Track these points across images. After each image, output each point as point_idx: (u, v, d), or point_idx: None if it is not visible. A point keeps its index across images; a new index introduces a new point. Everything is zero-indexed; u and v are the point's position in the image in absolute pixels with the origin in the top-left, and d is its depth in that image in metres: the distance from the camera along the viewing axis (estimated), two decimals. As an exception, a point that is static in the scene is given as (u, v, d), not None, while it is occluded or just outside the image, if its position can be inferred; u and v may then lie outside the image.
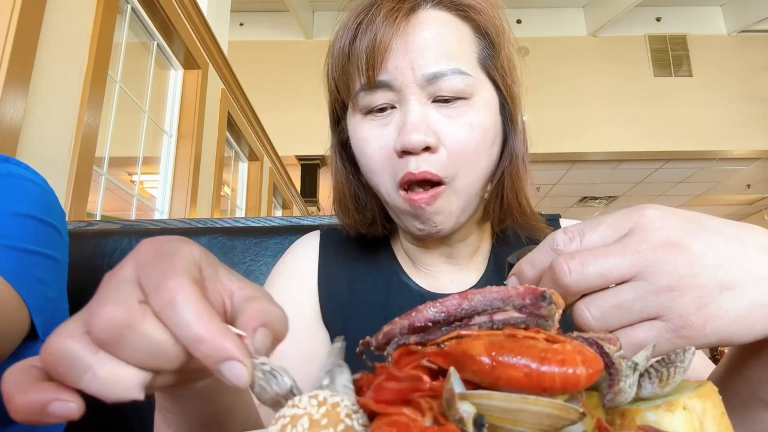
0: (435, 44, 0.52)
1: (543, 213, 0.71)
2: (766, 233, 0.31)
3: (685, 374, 0.25)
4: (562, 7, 6.65)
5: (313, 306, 0.64)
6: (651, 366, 0.25)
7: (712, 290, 0.28)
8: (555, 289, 0.30)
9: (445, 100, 0.52)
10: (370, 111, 0.55)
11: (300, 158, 6.37)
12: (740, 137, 6.23)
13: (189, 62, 2.74)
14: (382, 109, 0.54)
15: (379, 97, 0.53)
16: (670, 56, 6.63)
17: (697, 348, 0.29)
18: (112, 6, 1.86)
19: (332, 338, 0.63)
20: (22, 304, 0.58)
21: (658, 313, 0.29)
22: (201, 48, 2.81)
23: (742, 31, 6.54)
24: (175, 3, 2.45)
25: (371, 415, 0.23)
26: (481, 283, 0.63)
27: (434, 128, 0.52)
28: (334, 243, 0.68)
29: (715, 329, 0.28)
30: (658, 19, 6.77)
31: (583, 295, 0.30)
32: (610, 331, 0.30)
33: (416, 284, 0.64)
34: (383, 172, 0.55)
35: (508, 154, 0.58)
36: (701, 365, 0.51)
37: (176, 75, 2.75)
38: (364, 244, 0.67)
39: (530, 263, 0.33)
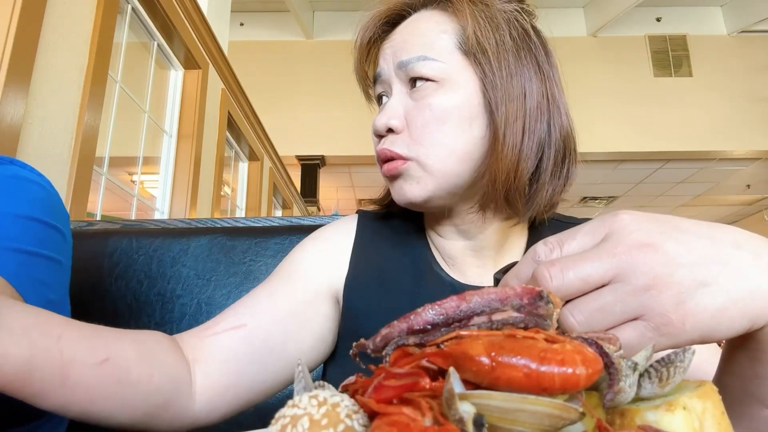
0: (410, 37, 0.60)
1: (573, 216, 0.71)
2: (737, 230, 0.32)
3: (685, 374, 0.25)
4: (562, 7, 6.66)
5: (333, 281, 0.64)
6: (651, 366, 0.25)
7: (688, 287, 0.29)
8: None
9: (416, 85, 0.58)
10: (378, 103, 0.65)
11: (300, 158, 6.37)
12: (740, 137, 6.23)
13: (189, 62, 2.74)
14: (382, 99, 0.64)
15: (378, 88, 0.64)
16: (670, 56, 6.63)
17: (681, 346, 0.30)
18: (112, 6, 1.86)
19: (349, 319, 0.63)
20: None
21: (639, 312, 0.30)
22: (201, 48, 2.81)
23: (742, 32, 6.54)
24: (175, 3, 2.46)
25: (371, 415, 0.23)
26: None
27: (405, 112, 0.59)
28: (371, 225, 0.70)
29: (695, 325, 0.29)
30: (658, 20, 6.78)
31: (567, 302, 0.31)
32: None
33: (448, 275, 0.64)
34: (376, 152, 0.63)
35: (490, 138, 0.57)
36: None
37: (176, 75, 2.75)
38: (400, 232, 0.69)
39: (515, 276, 0.34)
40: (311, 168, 6.45)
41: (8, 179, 0.63)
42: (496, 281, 0.37)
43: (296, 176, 6.14)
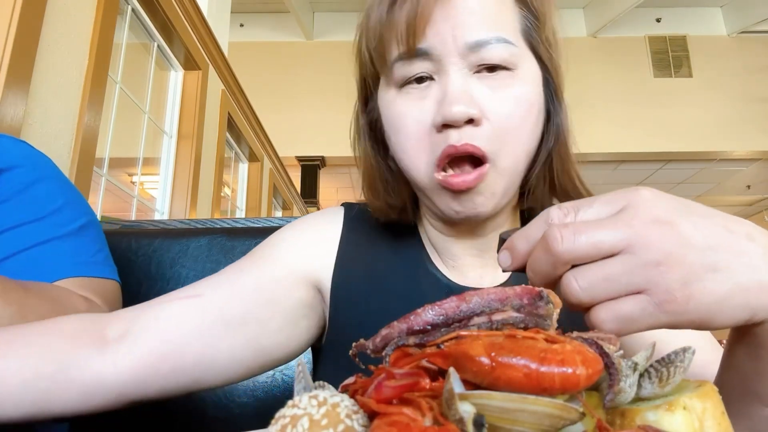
0: (478, 11, 0.49)
1: None
2: (753, 225, 0.33)
3: (685, 374, 0.25)
4: (562, 8, 6.62)
5: (314, 268, 0.60)
6: (651, 366, 0.25)
7: (698, 269, 0.29)
8: (546, 258, 0.31)
9: (489, 70, 0.49)
10: (406, 83, 0.52)
11: (300, 159, 6.37)
12: (740, 138, 6.23)
13: (189, 63, 2.74)
14: (419, 80, 0.51)
15: (417, 67, 0.50)
16: (670, 57, 6.63)
17: (679, 327, 0.30)
18: (112, 7, 1.86)
19: (338, 317, 0.60)
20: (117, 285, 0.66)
21: (644, 287, 0.29)
22: (201, 49, 2.81)
23: (742, 32, 6.54)
24: (175, 4, 2.46)
25: (371, 415, 0.23)
26: (511, 281, 0.59)
27: (477, 100, 0.49)
28: (358, 222, 0.65)
29: (697, 307, 0.29)
30: (658, 20, 6.78)
31: (573, 266, 0.31)
32: (596, 303, 0.30)
33: (444, 276, 0.60)
34: (419, 150, 0.51)
35: (554, 132, 0.55)
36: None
37: (176, 76, 2.75)
38: (390, 229, 0.64)
39: (524, 237, 0.33)
40: (311, 169, 6.45)
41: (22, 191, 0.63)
42: (502, 241, 0.36)
43: (296, 177, 6.14)
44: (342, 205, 0.68)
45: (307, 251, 0.60)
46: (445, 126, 0.49)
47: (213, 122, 2.99)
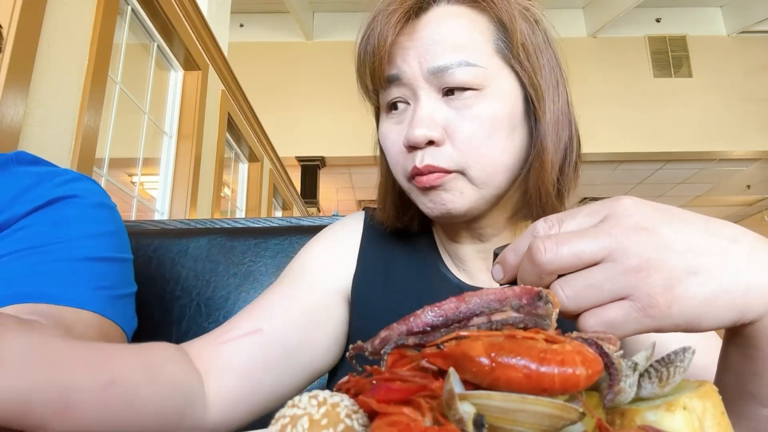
0: (442, 37, 0.53)
1: None
2: (736, 227, 0.33)
3: (685, 374, 0.25)
4: (562, 8, 6.66)
5: (343, 281, 0.63)
6: (651, 366, 0.25)
7: (680, 273, 0.30)
8: (532, 269, 0.32)
9: (456, 92, 0.53)
10: (389, 108, 0.57)
11: (300, 159, 6.37)
12: (740, 138, 6.24)
13: (189, 63, 2.74)
14: (397, 107, 0.56)
15: (393, 93, 0.56)
16: (670, 57, 6.64)
17: (665, 330, 0.30)
18: (112, 7, 1.86)
19: (356, 319, 0.62)
20: (116, 327, 0.61)
21: (627, 292, 0.30)
22: (201, 49, 2.81)
23: (742, 32, 6.54)
24: (175, 4, 2.46)
25: (371, 415, 0.23)
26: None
27: (442, 122, 0.53)
28: (378, 225, 0.68)
29: (681, 311, 0.29)
30: (657, 20, 6.78)
31: (559, 276, 0.32)
32: (582, 311, 0.31)
33: (456, 277, 0.63)
34: (397, 166, 0.57)
35: (533, 146, 0.56)
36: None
37: (176, 76, 2.75)
38: (406, 233, 0.67)
39: (513, 250, 0.35)
40: (311, 169, 6.45)
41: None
42: (496, 256, 0.37)
43: (296, 177, 6.14)
44: (363, 209, 0.72)
45: (336, 266, 0.64)
46: (411, 147, 0.54)
47: (213, 122, 2.99)
